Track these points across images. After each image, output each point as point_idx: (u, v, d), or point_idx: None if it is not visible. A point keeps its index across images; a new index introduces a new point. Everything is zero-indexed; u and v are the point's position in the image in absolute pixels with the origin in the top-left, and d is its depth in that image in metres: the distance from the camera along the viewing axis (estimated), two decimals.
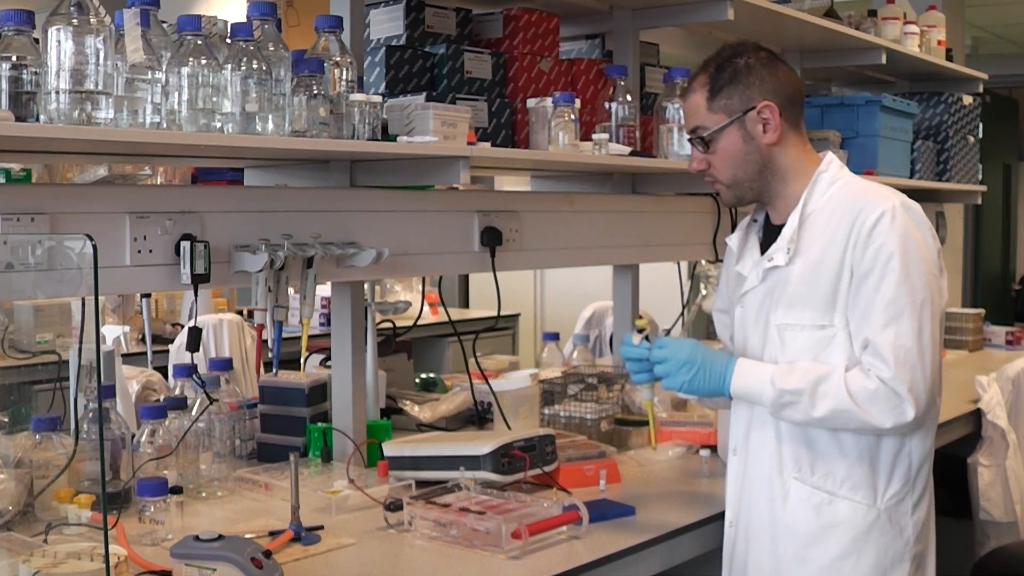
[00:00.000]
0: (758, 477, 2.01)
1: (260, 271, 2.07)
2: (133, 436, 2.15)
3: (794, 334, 1.93)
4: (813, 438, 1.94)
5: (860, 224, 1.88)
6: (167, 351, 4.01)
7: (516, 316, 6.10)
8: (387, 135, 2.24)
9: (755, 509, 2.02)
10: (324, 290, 3.34)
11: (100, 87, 1.70)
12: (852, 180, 2.00)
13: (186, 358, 2.20)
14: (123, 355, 3.23)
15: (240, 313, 4.57)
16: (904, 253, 1.86)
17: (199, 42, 1.87)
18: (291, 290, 2.21)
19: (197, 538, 1.62)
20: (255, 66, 1.92)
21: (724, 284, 2.22)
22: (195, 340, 2.11)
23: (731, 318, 2.13)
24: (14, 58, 1.69)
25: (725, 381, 1.93)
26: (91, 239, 1.47)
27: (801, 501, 1.95)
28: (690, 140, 2.02)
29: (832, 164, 2.01)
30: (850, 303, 1.88)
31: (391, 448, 2.30)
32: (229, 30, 1.98)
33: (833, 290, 1.90)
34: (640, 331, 2.01)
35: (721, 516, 2.11)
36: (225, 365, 2.44)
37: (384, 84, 2.45)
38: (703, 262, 3.76)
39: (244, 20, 2.00)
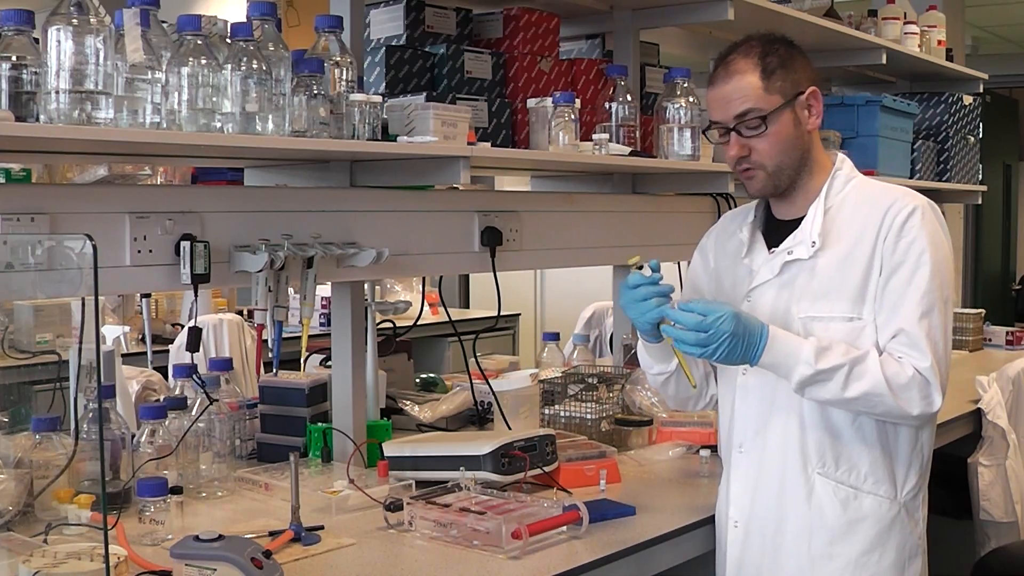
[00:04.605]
0: (775, 474, 1.99)
1: (260, 271, 2.07)
2: (133, 436, 2.15)
3: (824, 325, 1.92)
4: (837, 434, 1.94)
5: (892, 218, 1.91)
6: (167, 351, 4.01)
7: (516, 316, 6.10)
8: (387, 135, 2.24)
9: (772, 507, 2.00)
10: (324, 290, 3.34)
11: (100, 87, 1.70)
12: (865, 179, 2.05)
13: (186, 358, 2.20)
14: (123, 355, 3.23)
15: (240, 313, 4.57)
16: (934, 250, 1.91)
17: (199, 42, 1.87)
18: (291, 290, 2.21)
19: (197, 538, 1.62)
20: (255, 66, 1.92)
21: (700, 278, 2.18)
22: (195, 340, 2.11)
23: None
24: (14, 58, 1.69)
25: (757, 352, 1.87)
26: (91, 239, 1.47)
27: (827, 496, 1.95)
28: (733, 128, 1.93)
29: (846, 163, 2.05)
30: (878, 294, 1.91)
31: (391, 448, 2.30)
32: (229, 30, 1.98)
33: (863, 283, 1.92)
34: (639, 267, 1.92)
35: None
36: (225, 365, 2.44)
37: (384, 84, 2.46)
38: None
39: (244, 20, 2.00)
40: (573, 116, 2.55)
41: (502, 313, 2.70)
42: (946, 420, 3.00)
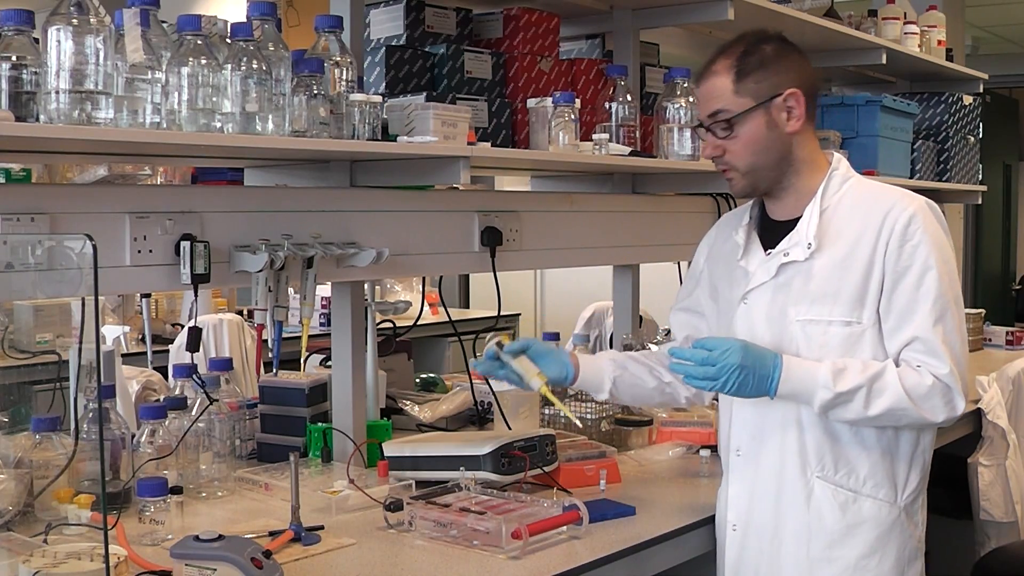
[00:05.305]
0: (773, 477, 1.98)
1: (260, 271, 2.07)
2: (133, 436, 2.15)
3: (821, 329, 1.91)
4: (836, 437, 1.94)
5: (893, 221, 1.90)
6: (167, 351, 4.01)
7: (516, 316, 6.11)
8: (387, 135, 2.24)
9: (770, 510, 1.99)
10: (324, 290, 3.34)
11: (100, 87, 1.70)
12: (862, 180, 2.03)
13: (186, 358, 2.20)
14: (123, 355, 3.23)
15: (240, 313, 4.57)
16: (939, 252, 1.90)
17: (199, 42, 1.87)
18: (291, 290, 2.21)
19: (197, 538, 1.62)
20: (255, 66, 1.92)
21: (695, 281, 2.20)
22: (195, 340, 2.11)
23: (710, 318, 2.12)
24: (14, 58, 1.69)
25: (773, 383, 1.88)
26: (91, 239, 1.47)
27: (826, 500, 1.94)
28: (707, 127, 1.95)
29: (842, 163, 2.03)
30: (884, 300, 1.89)
31: (391, 448, 2.30)
32: (229, 30, 1.98)
33: (862, 287, 1.90)
34: (500, 345, 2.07)
35: None
36: (225, 365, 2.44)
37: (384, 84, 2.46)
38: None
39: (244, 20, 2.00)
40: (573, 116, 2.55)
41: (502, 313, 2.70)
42: None
